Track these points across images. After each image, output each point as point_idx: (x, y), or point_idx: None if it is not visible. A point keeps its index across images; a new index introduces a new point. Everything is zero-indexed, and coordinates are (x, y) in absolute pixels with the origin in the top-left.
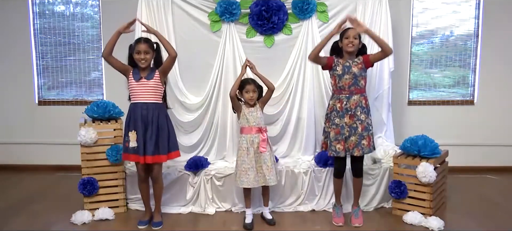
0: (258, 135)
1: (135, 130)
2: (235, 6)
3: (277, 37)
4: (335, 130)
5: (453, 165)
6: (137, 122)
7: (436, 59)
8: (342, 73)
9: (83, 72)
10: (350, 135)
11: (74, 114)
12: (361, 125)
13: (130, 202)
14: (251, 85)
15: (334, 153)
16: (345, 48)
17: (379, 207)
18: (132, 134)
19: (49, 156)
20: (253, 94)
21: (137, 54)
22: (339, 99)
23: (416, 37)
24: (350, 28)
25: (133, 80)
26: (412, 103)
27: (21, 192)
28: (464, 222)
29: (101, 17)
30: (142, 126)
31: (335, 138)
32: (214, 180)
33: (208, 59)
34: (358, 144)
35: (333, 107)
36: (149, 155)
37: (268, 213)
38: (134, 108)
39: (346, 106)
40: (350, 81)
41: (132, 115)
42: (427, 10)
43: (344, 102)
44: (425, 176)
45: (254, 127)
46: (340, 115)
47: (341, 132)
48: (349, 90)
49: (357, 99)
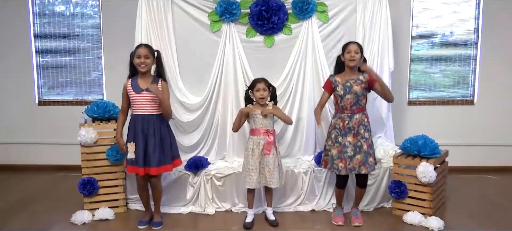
0: (265, 137)
1: (134, 142)
2: (235, 6)
3: (277, 37)
4: (338, 148)
5: (453, 165)
6: (138, 134)
7: (436, 59)
8: (344, 93)
9: (83, 72)
10: (355, 154)
11: (74, 115)
12: (366, 143)
13: (130, 202)
14: (262, 83)
15: (336, 171)
16: (347, 63)
17: (379, 207)
18: (130, 146)
19: (49, 156)
20: (264, 93)
21: (137, 59)
22: (341, 118)
23: (416, 37)
24: (352, 42)
25: (133, 92)
26: (412, 103)
27: (21, 192)
28: (464, 222)
29: (101, 17)
30: (143, 138)
31: (337, 156)
32: (214, 180)
33: (208, 59)
34: (365, 162)
35: (335, 126)
36: (154, 167)
37: (271, 213)
38: (135, 120)
39: (348, 125)
40: (352, 101)
41: (133, 126)
42: (427, 10)
43: (346, 122)
44: (425, 176)
45: (261, 129)
46: (343, 134)
47: (343, 150)
48: (351, 110)
49: (359, 118)
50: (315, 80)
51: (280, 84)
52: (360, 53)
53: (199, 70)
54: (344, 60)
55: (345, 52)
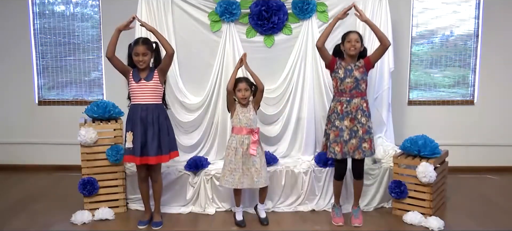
0: (249, 136)
1: (132, 131)
2: (235, 6)
3: (277, 37)
4: (335, 132)
5: (453, 165)
6: (136, 123)
7: (436, 59)
8: (344, 77)
9: (83, 72)
10: (350, 138)
11: (74, 115)
12: (362, 128)
13: (130, 202)
14: (243, 83)
15: (332, 154)
16: (348, 51)
17: (379, 207)
18: (129, 135)
19: (49, 156)
20: (245, 93)
21: (135, 56)
22: (340, 101)
23: (416, 37)
24: (352, 32)
25: (133, 81)
26: (412, 103)
27: (21, 192)
28: (464, 222)
29: (101, 17)
30: (141, 127)
31: (334, 140)
32: (214, 180)
33: (208, 59)
34: (359, 147)
35: (334, 110)
36: (153, 156)
37: (262, 210)
38: (134, 109)
39: (346, 109)
40: (351, 85)
41: (131, 116)
42: (427, 10)
43: (344, 105)
44: (425, 176)
45: (245, 127)
46: (340, 118)
47: (340, 134)
48: (350, 94)
49: (358, 103)
50: (315, 80)
51: (280, 84)
52: (360, 43)
53: (199, 70)
54: (343, 50)
55: (345, 41)
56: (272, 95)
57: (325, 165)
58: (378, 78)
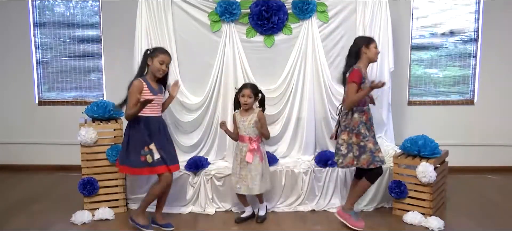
0: (247, 144)
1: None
2: (235, 6)
3: (277, 37)
4: (371, 141)
5: (453, 165)
6: (155, 134)
7: (436, 59)
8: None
9: (83, 72)
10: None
11: (74, 115)
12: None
13: (130, 202)
14: (248, 90)
15: (380, 162)
16: (373, 57)
17: (379, 207)
18: (153, 147)
19: (49, 156)
20: (248, 99)
21: (159, 64)
22: (364, 111)
23: (416, 37)
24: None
25: (151, 94)
26: (412, 103)
27: (21, 192)
28: (464, 222)
29: (101, 17)
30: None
31: (375, 148)
32: (214, 180)
33: (208, 59)
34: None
35: (359, 121)
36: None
37: (261, 209)
38: (149, 121)
39: (370, 116)
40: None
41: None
42: (427, 10)
43: (368, 115)
44: (425, 176)
45: (245, 136)
46: (367, 127)
47: (375, 141)
48: (365, 101)
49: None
50: (315, 80)
51: (280, 84)
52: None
53: (199, 70)
54: (365, 52)
55: (371, 46)
56: (272, 95)
57: (325, 165)
58: (378, 79)
